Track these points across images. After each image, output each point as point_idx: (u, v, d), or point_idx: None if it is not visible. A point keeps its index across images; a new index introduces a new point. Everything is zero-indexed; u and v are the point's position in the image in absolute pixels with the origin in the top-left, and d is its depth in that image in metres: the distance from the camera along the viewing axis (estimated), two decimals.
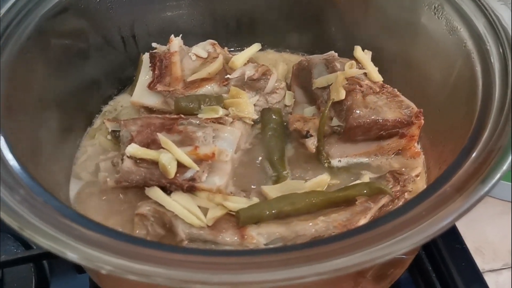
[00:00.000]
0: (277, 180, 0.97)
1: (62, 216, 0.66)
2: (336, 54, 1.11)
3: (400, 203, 0.89)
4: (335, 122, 1.00)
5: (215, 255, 0.65)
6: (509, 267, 1.17)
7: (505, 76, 0.81)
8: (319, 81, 1.04)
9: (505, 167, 0.68)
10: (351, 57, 1.08)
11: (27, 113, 0.91)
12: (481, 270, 1.06)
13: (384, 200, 0.87)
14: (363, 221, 0.82)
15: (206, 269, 0.60)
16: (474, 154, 0.72)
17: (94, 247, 0.61)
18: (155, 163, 0.88)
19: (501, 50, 0.84)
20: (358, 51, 1.08)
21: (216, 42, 1.14)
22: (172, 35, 1.12)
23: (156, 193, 0.87)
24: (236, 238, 0.81)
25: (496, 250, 1.19)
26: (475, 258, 1.07)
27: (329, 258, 0.60)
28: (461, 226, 1.12)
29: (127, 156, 0.90)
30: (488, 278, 1.08)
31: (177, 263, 0.60)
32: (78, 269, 1.06)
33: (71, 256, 0.60)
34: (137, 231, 0.89)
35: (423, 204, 0.67)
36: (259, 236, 0.81)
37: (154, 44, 1.13)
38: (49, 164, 0.96)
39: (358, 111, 0.96)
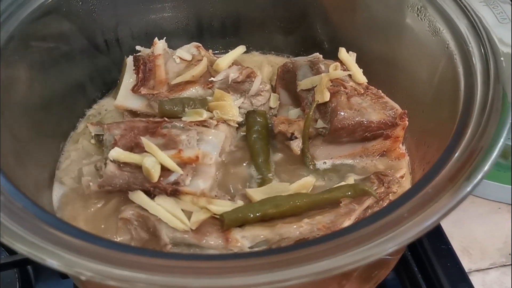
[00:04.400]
0: (262, 182, 0.97)
1: (41, 221, 0.65)
2: (321, 56, 1.11)
3: (385, 205, 0.89)
4: (320, 124, 1.00)
5: (197, 259, 0.64)
6: (496, 267, 1.17)
7: (487, 77, 0.81)
8: (303, 83, 1.04)
9: (487, 166, 0.68)
10: (336, 58, 1.08)
11: (8, 117, 0.90)
12: (469, 270, 1.07)
13: (368, 201, 0.87)
14: (347, 222, 0.82)
15: (188, 274, 0.59)
16: (456, 154, 0.72)
17: (74, 253, 0.60)
18: (138, 167, 0.88)
19: (482, 51, 0.85)
20: (342, 52, 1.08)
21: (200, 45, 1.14)
22: (156, 38, 1.11)
23: (139, 197, 0.87)
24: (220, 241, 0.81)
25: (484, 250, 1.20)
26: (462, 258, 1.07)
27: (313, 261, 0.59)
28: (448, 225, 1.12)
29: (110, 160, 0.89)
30: (475, 278, 1.08)
31: (159, 268, 0.59)
32: (63, 274, 1.05)
33: (51, 262, 0.59)
34: (121, 236, 0.88)
35: (407, 204, 0.66)
36: (244, 239, 0.81)
37: (138, 47, 1.12)
38: (32, 169, 0.95)
39: (342, 113, 0.96)
